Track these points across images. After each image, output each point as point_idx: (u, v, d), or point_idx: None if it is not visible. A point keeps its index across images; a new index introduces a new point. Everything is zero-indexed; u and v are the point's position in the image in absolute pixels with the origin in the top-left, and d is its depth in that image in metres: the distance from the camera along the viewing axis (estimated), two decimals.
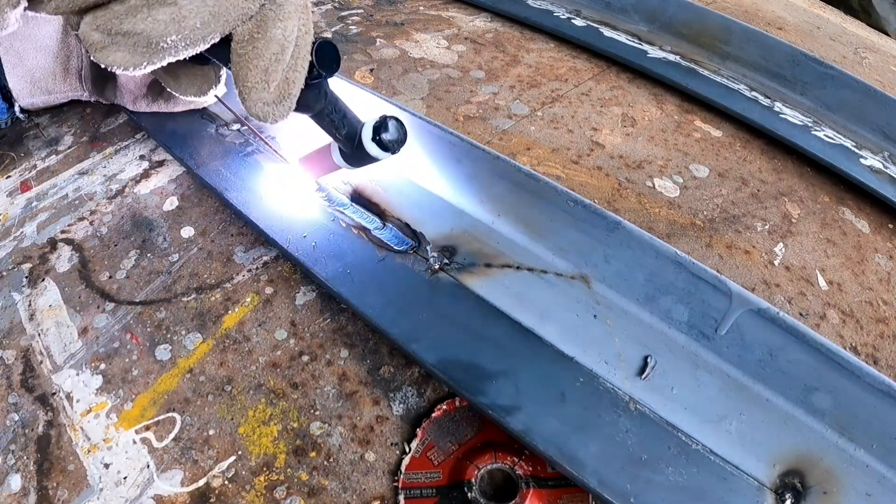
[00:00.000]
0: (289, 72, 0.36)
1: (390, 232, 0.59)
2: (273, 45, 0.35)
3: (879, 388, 0.44)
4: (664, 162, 0.78)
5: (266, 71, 0.35)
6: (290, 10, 0.34)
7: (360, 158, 0.48)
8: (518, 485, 0.48)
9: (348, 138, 0.47)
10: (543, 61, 0.95)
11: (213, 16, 0.31)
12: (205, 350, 0.55)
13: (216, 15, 0.31)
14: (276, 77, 0.36)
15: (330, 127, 0.46)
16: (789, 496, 0.44)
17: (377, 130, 0.46)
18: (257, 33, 0.34)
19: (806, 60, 0.91)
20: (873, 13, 1.92)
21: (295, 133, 0.69)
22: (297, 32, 0.35)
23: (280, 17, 0.34)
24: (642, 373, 0.49)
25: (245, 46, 0.35)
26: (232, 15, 0.32)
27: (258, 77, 0.35)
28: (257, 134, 0.68)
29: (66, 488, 0.48)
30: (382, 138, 0.46)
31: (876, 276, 0.70)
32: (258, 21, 0.34)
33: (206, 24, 0.32)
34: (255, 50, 0.35)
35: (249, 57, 0.35)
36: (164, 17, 0.30)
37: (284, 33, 0.35)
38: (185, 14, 0.30)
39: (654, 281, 0.51)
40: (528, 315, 0.53)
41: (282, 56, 0.35)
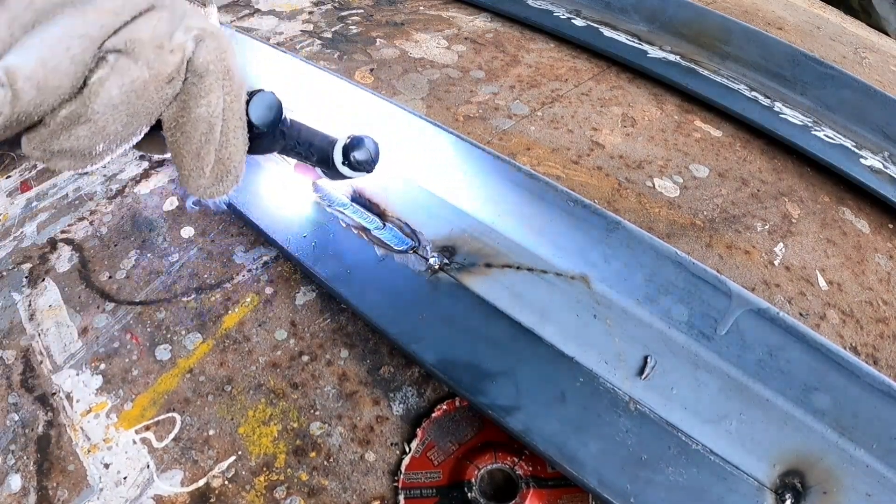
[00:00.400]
0: (221, 150, 0.34)
1: (390, 232, 0.59)
2: (200, 125, 0.33)
3: (879, 388, 0.44)
4: (664, 162, 0.78)
5: (198, 155, 0.34)
6: (211, 82, 0.32)
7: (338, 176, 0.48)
8: (518, 485, 0.48)
9: (321, 163, 0.46)
10: (543, 61, 0.95)
11: (130, 116, 0.30)
12: (205, 350, 0.55)
13: (134, 114, 0.30)
14: (209, 160, 0.34)
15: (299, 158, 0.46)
16: (789, 496, 0.44)
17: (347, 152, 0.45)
18: (182, 117, 0.33)
19: (806, 60, 0.91)
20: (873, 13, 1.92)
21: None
22: (222, 104, 0.33)
23: (203, 91, 0.32)
24: (642, 373, 0.49)
25: (174, 133, 0.33)
26: (151, 107, 0.31)
27: (191, 164, 0.34)
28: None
29: (66, 488, 0.48)
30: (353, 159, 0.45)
31: (876, 276, 0.70)
32: (181, 102, 0.32)
33: (128, 125, 0.31)
34: (183, 135, 0.33)
35: (180, 143, 0.33)
36: (85, 132, 0.30)
37: (209, 109, 0.33)
38: (102, 125, 0.30)
39: (654, 281, 0.51)
40: (528, 315, 0.53)
41: (211, 135, 0.33)
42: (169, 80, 0.31)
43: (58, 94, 0.28)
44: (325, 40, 0.95)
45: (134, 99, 0.30)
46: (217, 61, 0.33)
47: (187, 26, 0.31)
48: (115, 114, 0.30)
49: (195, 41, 0.32)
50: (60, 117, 0.29)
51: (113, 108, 0.30)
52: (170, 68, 0.31)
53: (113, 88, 0.29)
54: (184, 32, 0.31)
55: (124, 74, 0.29)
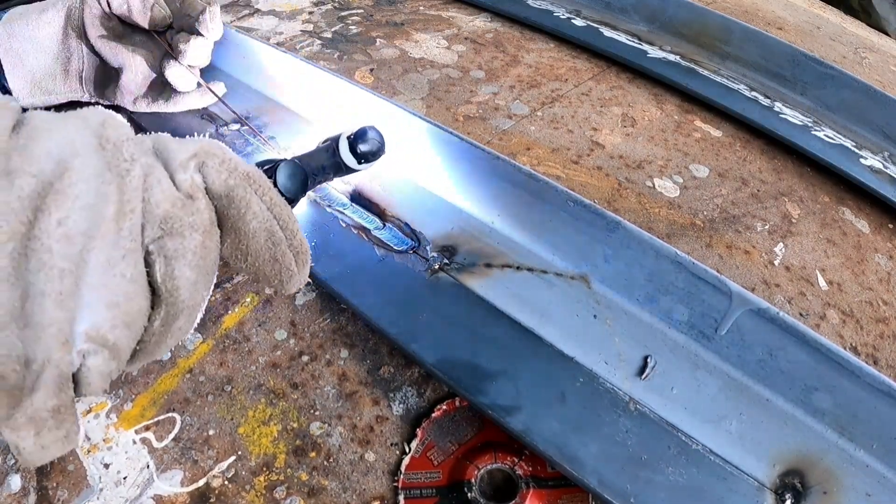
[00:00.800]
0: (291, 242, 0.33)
1: (390, 232, 0.59)
2: (260, 236, 0.32)
3: (879, 388, 0.44)
4: (664, 162, 0.78)
5: (276, 260, 0.33)
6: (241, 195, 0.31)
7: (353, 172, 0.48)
8: (518, 485, 0.48)
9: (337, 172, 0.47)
10: (543, 61, 0.95)
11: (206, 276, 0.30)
12: (205, 350, 0.55)
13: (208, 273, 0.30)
14: (288, 258, 0.33)
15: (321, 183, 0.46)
16: (789, 496, 0.44)
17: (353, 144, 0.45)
18: (241, 244, 0.31)
19: (806, 60, 0.91)
20: (873, 13, 1.92)
21: (294, 133, 0.69)
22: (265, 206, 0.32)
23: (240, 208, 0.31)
24: (642, 373, 0.49)
25: (244, 261, 0.32)
26: (214, 255, 0.30)
27: (276, 269, 0.33)
28: (257, 133, 0.68)
29: (66, 488, 0.48)
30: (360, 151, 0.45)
31: (876, 276, 0.70)
32: (230, 231, 0.31)
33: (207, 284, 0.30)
34: (252, 256, 0.32)
35: (254, 263, 0.32)
36: (184, 322, 0.29)
37: (259, 220, 0.31)
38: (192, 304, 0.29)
39: (654, 281, 0.51)
40: (528, 315, 0.53)
41: (274, 238, 0.32)
42: (213, 221, 0.30)
43: (143, 314, 0.27)
44: (325, 40, 0.95)
45: (203, 263, 0.29)
46: (231, 174, 0.31)
47: (180, 164, 0.29)
48: (197, 287, 0.29)
49: (199, 171, 0.30)
50: (157, 327, 0.28)
51: (194, 285, 0.29)
52: (206, 213, 0.30)
53: (185, 271, 0.28)
54: (183, 171, 0.29)
55: (184, 253, 0.28)
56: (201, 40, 0.63)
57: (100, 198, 0.25)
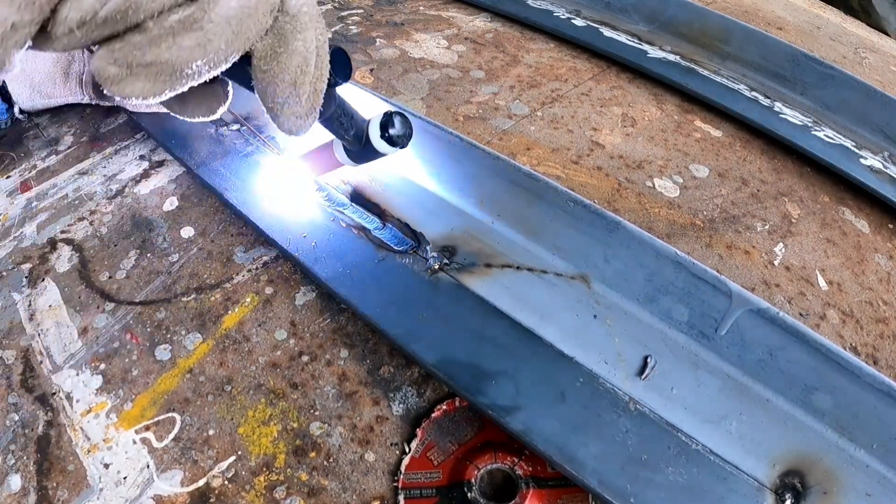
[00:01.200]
0: (316, 82, 0.36)
1: (390, 232, 0.59)
2: (297, 57, 0.34)
3: (879, 388, 0.44)
4: (664, 162, 0.78)
5: (295, 84, 0.35)
6: (306, 21, 0.34)
7: (365, 156, 0.48)
8: (518, 485, 0.48)
9: (356, 138, 0.47)
10: (543, 61, 0.95)
11: (235, 34, 0.31)
12: (205, 350, 0.55)
13: (238, 33, 0.31)
14: (305, 90, 0.35)
15: (339, 129, 0.46)
16: (789, 496, 0.44)
17: (384, 127, 0.46)
18: (279, 48, 0.33)
19: (806, 60, 0.91)
20: (873, 13, 1.92)
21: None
22: (316, 42, 0.35)
23: (298, 28, 0.34)
24: (642, 373, 0.49)
25: (269, 62, 0.34)
26: (252, 31, 0.32)
27: (288, 91, 0.35)
28: (257, 134, 0.68)
29: (66, 488, 0.48)
30: (391, 134, 0.46)
31: (876, 276, 0.70)
32: (277, 35, 0.33)
33: (231, 44, 0.31)
34: (279, 65, 0.34)
35: (275, 72, 0.34)
36: (190, 42, 0.29)
37: (305, 44, 0.34)
38: (210, 37, 0.29)
39: (654, 281, 0.51)
40: (528, 315, 0.53)
41: (307, 68, 0.35)
42: (271, 10, 0.32)
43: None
44: None
45: (245, 17, 0.31)
46: (309, 5, 0.34)
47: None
48: (226, 27, 0.30)
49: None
50: (172, 21, 0.28)
51: (227, 20, 0.30)
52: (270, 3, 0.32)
53: (232, 0, 0.30)
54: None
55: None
56: None
57: None
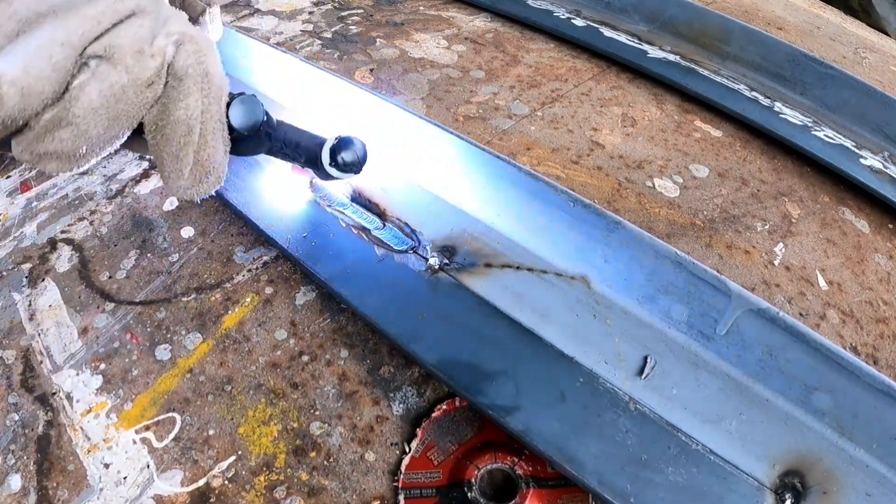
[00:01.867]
0: (200, 152, 0.35)
1: (390, 232, 0.59)
2: (179, 127, 0.34)
3: (879, 388, 0.44)
4: (664, 162, 0.78)
5: (177, 157, 0.34)
6: (189, 85, 0.33)
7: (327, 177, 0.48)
8: (518, 485, 0.48)
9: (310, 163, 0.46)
10: (543, 61, 0.95)
11: (111, 119, 0.31)
12: (205, 350, 0.55)
13: (115, 118, 0.31)
14: (187, 161, 0.35)
15: (287, 160, 0.46)
16: (789, 496, 0.44)
17: (334, 154, 0.45)
18: (161, 119, 0.33)
19: (806, 60, 0.91)
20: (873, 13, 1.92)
21: None
22: (201, 106, 0.34)
23: (182, 93, 0.33)
24: (642, 373, 0.49)
25: (154, 136, 0.34)
26: (131, 111, 0.32)
27: (171, 165, 0.35)
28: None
29: (66, 488, 0.48)
30: (341, 161, 0.45)
31: (876, 276, 0.70)
32: (162, 105, 0.33)
33: (110, 128, 0.32)
34: (163, 138, 0.34)
35: (160, 146, 0.34)
36: (67, 135, 0.30)
37: (188, 112, 0.34)
38: (84, 128, 0.30)
39: (654, 281, 0.51)
40: (528, 315, 0.53)
41: (189, 137, 0.34)
42: (149, 84, 0.32)
43: (41, 98, 0.29)
44: (325, 40, 0.95)
45: (113, 103, 0.31)
46: (196, 64, 0.33)
47: (168, 31, 0.32)
48: (95, 117, 0.31)
49: (175, 45, 0.32)
50: (44, 121, 0.30)
51: (93, 111, 0.30)
52: (149, 73, 0.32)
53: (93, 93, 0.30)
54: (165, 37, 0.32)
55: (104, 79, 0.30)
56: None
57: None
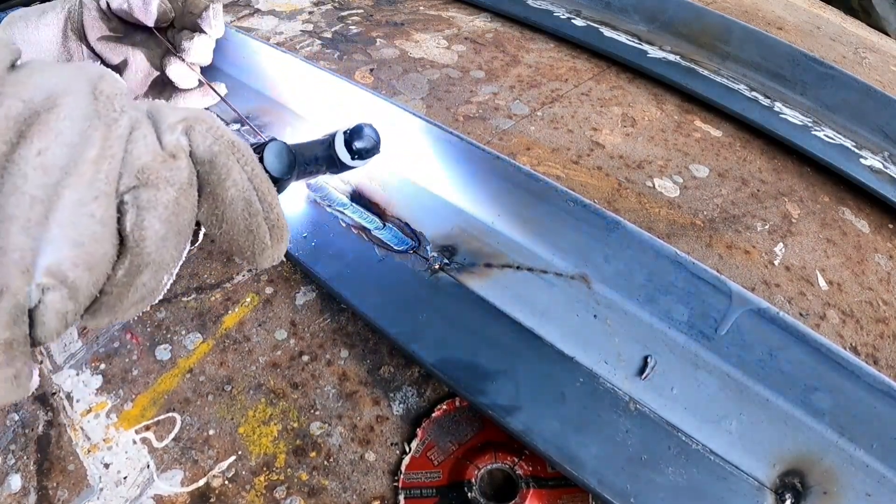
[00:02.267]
0: (269, 214, 0.33)
1: (390, 232, 0.59)
2: (237, 205, 0.32)
3: (879, 388, 0.44)
4: (664, 162, 0.78)
5: (251, 231, 0.33)
6: (224, 162, 0.31)
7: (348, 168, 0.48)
8: (518, 485, 0.48)
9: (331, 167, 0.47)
10: (543, 61, 0.95)
11: (178, 236, 0.30)
12: (205, 350, 0.55)
13: (179, 233, 0.30)
14: (264, 230, 0.33)
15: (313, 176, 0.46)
16: (789, 496, 0.44)
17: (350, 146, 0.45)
18: (217, 210, 0.32)
19: (806, 60, 0.91)
20: (873, 13, 1.92)
21: (295, 133, 0.69)
22: (246, 175, 0.33)
23: (222, 175, 0.31)
24: (642, 373, 0.49)
25: (219, 227, 0.32)
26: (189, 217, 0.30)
27: (249, 241, 0.33)
28: (258, 133, 0.68)
29: (66, 488, 0.48)
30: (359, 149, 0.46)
31: (876, 276, 0.70)
32: (208, 196, 0.32)
33: (178, 245, 0.30)
34: (228, 224, 0.32)
35: (229, 233, 0.33)
36: (148, 276, 0.29)
37: (237, 188, 0.32)
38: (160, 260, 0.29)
39: (654, 281, 0.51)
40: (528, 315, 0.53)
41: (252, 208, 0.33)
42: (191, 182, 0.30)
43: (107, 259, 0.27)
44: (325, 40, 0.95)
45: (175, 220, 0.29)
46: (217, 141, 0.32)
47: (169, 125, 0.30)
48: (166, 244, 0.29)
49: (185, 134, 0.31)
50: (120, 277, 0.28)
51: (162, 239, 0.29)
52: (185, 173, 0.30)
53: (154, 223, 0.28)
54: (170, 132, 0.30)
55: (156, 205, 0.28)
56: (204, 37, 0.64)
57: (83, 139, 0.26)
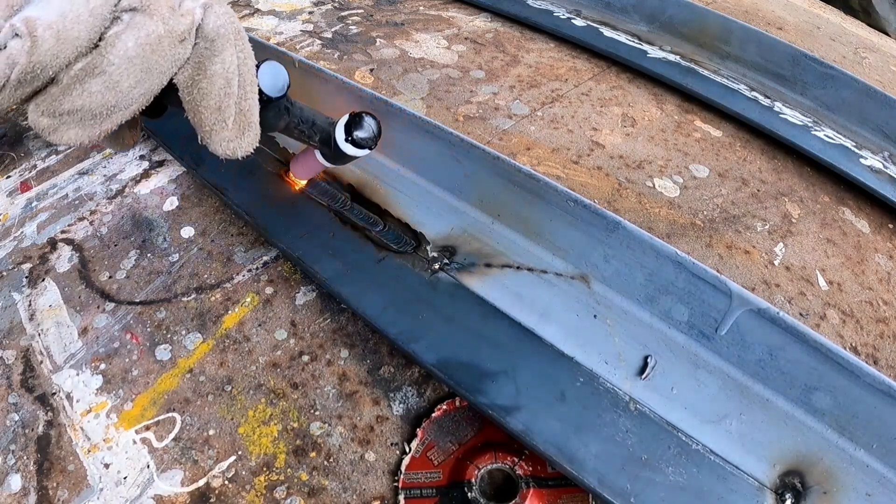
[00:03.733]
0: (241, 101, 0.35)
1: (390, 232, 0.59)
2: (217, 80, 0.33)
3: (879, 388, 0.44)
4: (664, 162, 0.78)
5: (219, 109, 0.34)
6: (223, 43, 0.33)
7: (340, 157, 0.48)
8: (518, 485, 0.48)
9: (323, 143, 0.46)
10: (543, 61, 0.95)
11: (145, 72, 0.31)
12: (205, 350, 0.55)
13: (148, 70, 0.31)
14: (230, 112, 0.35)
15: (301, 137, 0.46)
16: (789, 496, 0.44)
17: (349, 130, 0.45)
18: (198, 74, 0.33)
19: (806, 60, 0.91)
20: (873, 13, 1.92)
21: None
22: (236, 61, 0.34)
23: (215, 51, 0.33)
24: (642, 373, 0.49)
25: (191, 91, 0.34)
26: (164, 65, 0.31)
27: (213, 117, 0.34)
28: None
29: (66, 488, 0.48)
30: (356, 137, 0.45)
31: (876, 276, 0.70)
32: (195, 62, 0.33)
33: (142, 81, 0.31)
34: (200, 92, 0.34)
35: (198, 100, 0.34)
36: (98, 87, 0.30)
37: (224, 66, 0.34)
38: (116, 79, 0.30)
39: (654, 281, 0.51)
40: (528, 315, 0.53)
41: (229, 89, 0.34)
42: (181, 39, 0.32)
43: (75, 45, 0.28)
44: (325, 40, 0.95)
45: (149, 53, 0.31)
46: (227, 24, 0.34)
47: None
48: (130, 67, 0.30)
49: (203, 8, 0.33)
50: (76, 70, 0.29)
51: (128, 60, 0.30)
52: (183, 27, 0.32)
53: (129, 41, 0.30)
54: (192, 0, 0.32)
55: (140, 28, 0.30)
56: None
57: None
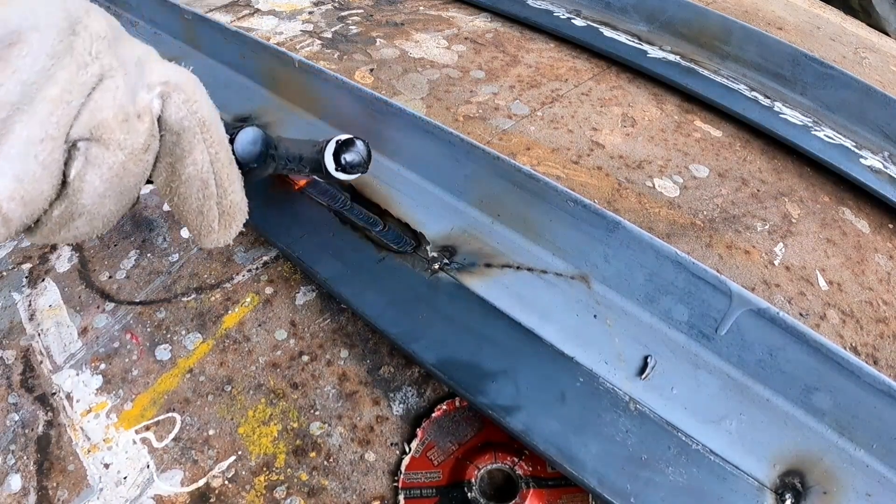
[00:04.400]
0: (221, 201, 0.33)
1: (390, 232, 0.59)
2: (193, 184, 0.32)
3: (879, 388, 0.44)
4: (664, 162, 0.78)
5: (201, 213, 0.33)
6: (189, 139, 0.31)
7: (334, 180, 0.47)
8: (518, 485, 0.48)
9: (315, 171, 0.46)
10: (543, 61, 0.95)
11: (120, 195, 0.30)
12: (205, 350, 0.55)
13: (122, 192, 0.30)
14: (213, 214, 0.33)
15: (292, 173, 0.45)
16: (789, 496, 0.44)
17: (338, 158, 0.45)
18: (173, 181, 0.32)
19: (806, 60, 0.91)
20: (873, 13, 1.92)
21: (295, 133, 0.69)
22: (208, 157, 0.32)
23: (184, 148, 0.31)
24: (642, 373, 0.49)
25: (171, 198, 0.33)
26: (137, 180, 0.30)
27: (198, 222, 0.34)
28: None
29: (66, 488, 0.48)
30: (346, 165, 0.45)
31: (876, 276, 0.70)
32: (168, 165, 0.31)
33: (120, 201, 0.30)
34: (180, 198, 0.32)
35: (180, 206, 0.33)
36: (82, 223, 0.30)
37: (196, 167, 0.32)
38: (95, 212, 0.29)
39: (654, 281, 0.51)
40: (528, 315, 0.53)
41: (207, 190, 0.33)
42: (145, 149, 0.30)
43: (43, 198, 0.27)
44: (325, 40, 0.95)
45: (117, 181, 0.30)
46: (190, 115, 0.31)
47: (148, 83, 0.30)
48: (104, 200, 0.30)
49: (161, 98, 0.30)
50: (55, 217, 0.29)
51: (100, 196, 0.29)
52: (143, 138, 0.30)
53: (95, 180, 0.29)
54: (147, 91, 0.30)
55: (101, 164, 0.29)
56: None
57: (44, 78, 0.26)
